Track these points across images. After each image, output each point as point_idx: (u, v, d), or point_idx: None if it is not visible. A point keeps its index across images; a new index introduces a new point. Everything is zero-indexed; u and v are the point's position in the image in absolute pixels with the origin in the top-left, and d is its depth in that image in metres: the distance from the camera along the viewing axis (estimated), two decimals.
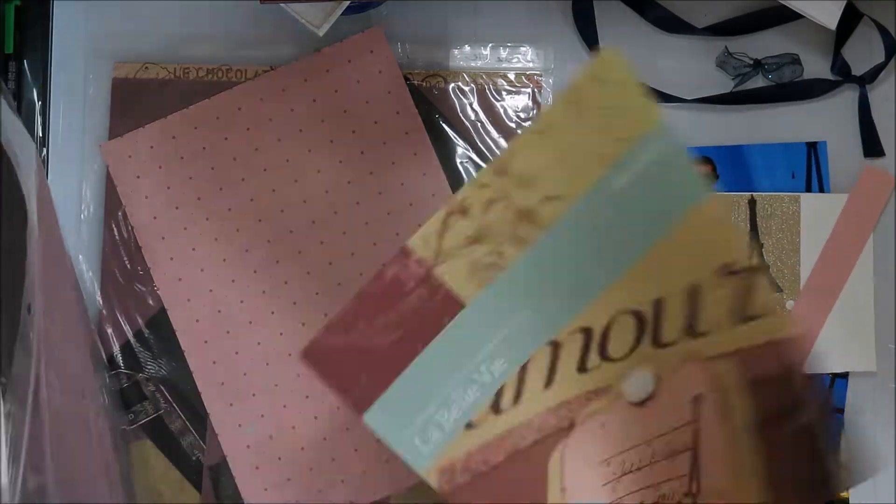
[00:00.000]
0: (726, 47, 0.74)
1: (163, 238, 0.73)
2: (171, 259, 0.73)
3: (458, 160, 0.74)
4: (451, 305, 0.59)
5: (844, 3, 0.68)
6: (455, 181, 0.73)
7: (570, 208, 0.59)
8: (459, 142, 0.74)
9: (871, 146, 0.73)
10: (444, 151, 0.74)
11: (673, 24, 0.74)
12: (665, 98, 0.74)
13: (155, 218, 0.73)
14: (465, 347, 0.59)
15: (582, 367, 0.60)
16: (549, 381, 0.60)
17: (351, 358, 0.58)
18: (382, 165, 0.73)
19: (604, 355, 0.60)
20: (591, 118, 0.57)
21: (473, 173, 0.73)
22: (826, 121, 0.74)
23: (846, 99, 0.74)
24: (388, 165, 0.73)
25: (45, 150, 0.74)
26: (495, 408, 0.60)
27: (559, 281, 0.60)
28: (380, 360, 0.59)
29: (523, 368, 0.60)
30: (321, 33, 0.67)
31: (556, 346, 0.60)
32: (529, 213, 0.59)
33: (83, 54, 0.75)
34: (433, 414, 0.59)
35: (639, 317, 0.60)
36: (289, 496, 0.71)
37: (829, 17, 0.68)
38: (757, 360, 0.58)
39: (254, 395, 0.72)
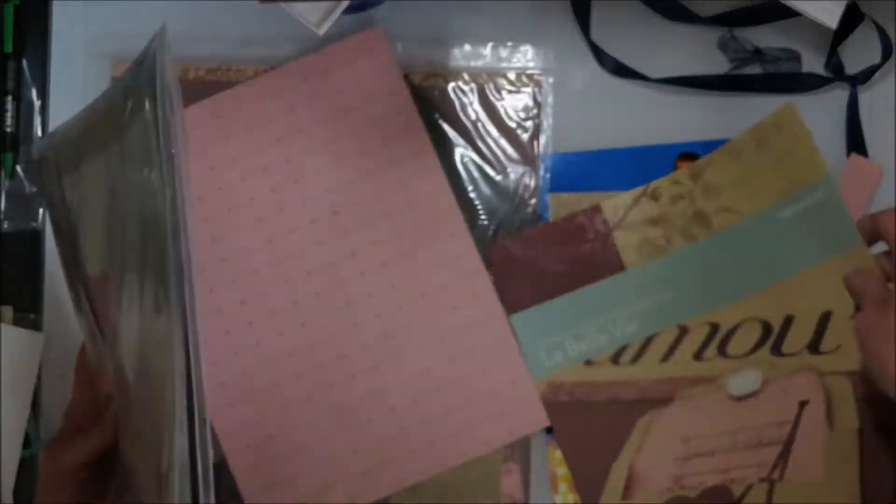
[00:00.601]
0: (730, 30, 0.74)
1: None
2: None
3: (458, 160, 0.74)
4: (614, 264, 0.72)
5: (845, 3, 0.68)
6: (455, 181, 0.73)
7: (740, 222, 0.71)
8: (460, 141, 0.74)
9: (856, 146, 0.73)
10: (444, 151, 0.74)
11: (676, 13, 0.74)
12: (652, 80, 0.74)
13: None
14: (613, 302, 0.72)
15: (698, 356, 0.71)
16: (666, 356, 0.71)
17: (520, 268, 0.72)
18: (382, 165, 0.73)
19: (722, 351, 0.71)
20: (769, 156, 0.70)
21: (475, 173, 0.74)
22: (815, 115, 0.72)
23: (838, 96, 0.74)
24: (388, 165, 0.73)
25: None
26: (615, 359, 0.72)
27: (708, 278, 0.71)
28: (542, 280, 0.72)
29: (650, 338, 0.71)
30: (321, 33, 0.67)
31: (683, 330, 0.71)
32: (704, 216, 0.71)
33: (83, 54, 0.75)
34: (564, 339, 0.72)
35: (766, 326, 0.71)
36: (289, 496, 0.71)
37: (830, 16, 0.68)
38: (870, 383, 0.67)
39: (253, 395, 0.72)
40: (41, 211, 0.74)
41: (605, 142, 0.74)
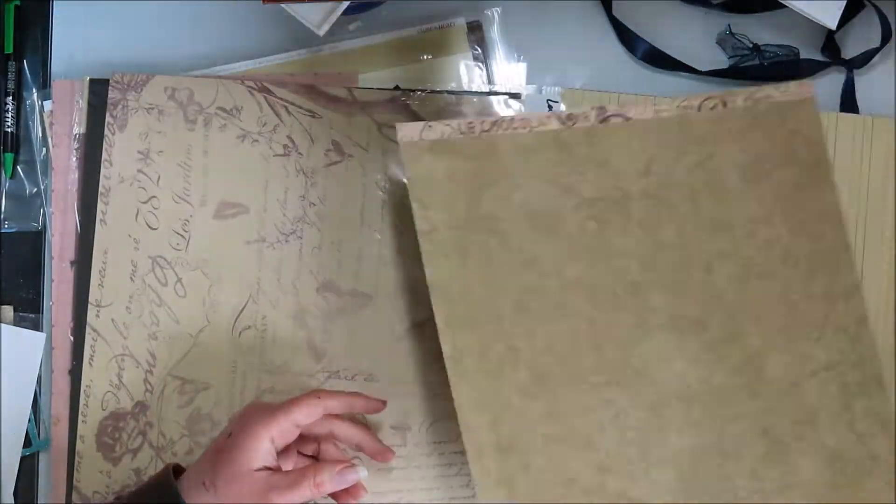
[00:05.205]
0: (729, 26, 0.74)
1: None
2: None
3: None
4: None
5: (844, 3, 0.68)
6: None
7: None
8: None
9: None
10: None
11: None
12: (668, 66, 0.74)
13: None
14: None
15: None
16: None
17: None
18: None
19: None
20: None
21: None
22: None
23: (835, 80, 0.74)
24: None
25: (45, 150, 0.74)
26: None
27: None
28: None
29: None
30: (321, 33, 0.68)
31: None
32: None
33: (83, 54, 0.75)
34: None
35: None
36: None
37: (830, 17, 0.68)
38: None
39: None
40: (41, 211, 0.74)
41: None
